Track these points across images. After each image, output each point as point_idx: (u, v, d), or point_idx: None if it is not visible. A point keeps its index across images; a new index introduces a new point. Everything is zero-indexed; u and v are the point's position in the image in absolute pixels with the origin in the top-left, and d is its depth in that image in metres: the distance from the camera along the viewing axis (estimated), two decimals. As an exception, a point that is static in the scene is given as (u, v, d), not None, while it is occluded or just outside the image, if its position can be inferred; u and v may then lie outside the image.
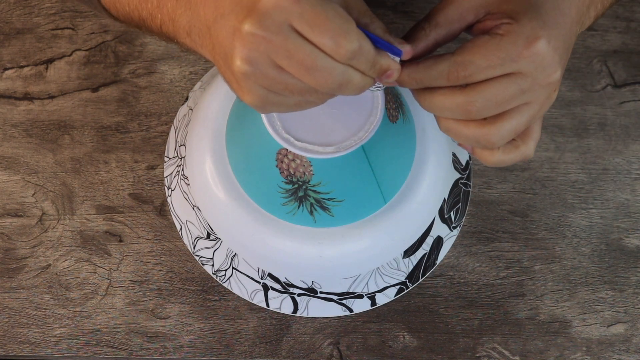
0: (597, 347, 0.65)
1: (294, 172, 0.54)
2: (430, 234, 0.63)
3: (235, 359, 0.64)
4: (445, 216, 0.64)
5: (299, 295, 0.62)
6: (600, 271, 0.67)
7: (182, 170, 0.64)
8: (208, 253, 0.63)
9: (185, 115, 0.66)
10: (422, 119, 0.61)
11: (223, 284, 0.63)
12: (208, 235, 0.62)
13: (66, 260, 0.66)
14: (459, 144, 0.51)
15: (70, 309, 0.65)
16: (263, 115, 0.52)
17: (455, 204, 0.64)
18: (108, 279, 0.66)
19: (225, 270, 0.63)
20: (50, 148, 0.70)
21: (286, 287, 0.62)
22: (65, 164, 0.69)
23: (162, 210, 0.68)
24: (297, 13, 0.41)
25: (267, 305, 0.62)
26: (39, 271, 0.66)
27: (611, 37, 0.74)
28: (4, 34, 0.74)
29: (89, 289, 0.66)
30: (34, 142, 0.70)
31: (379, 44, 0.44)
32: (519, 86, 0.46)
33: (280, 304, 0.62)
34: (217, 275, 0.63)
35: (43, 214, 0.68)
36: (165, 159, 0.66)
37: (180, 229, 0.64)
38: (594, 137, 0.71)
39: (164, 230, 0.67)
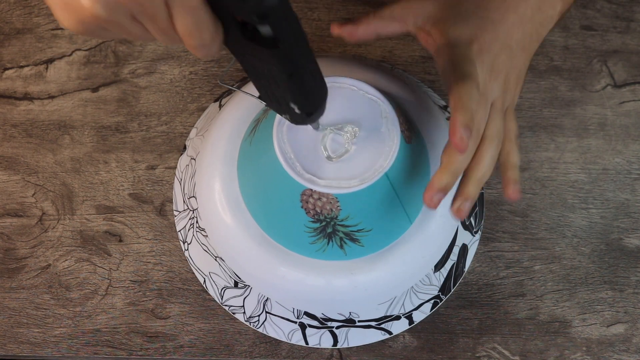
0: (597, 347, 0.65)
1: (321, 211, 0.53)
2: (455, 244, 0.63)
3: (235, 359, 0.64)
4: (467, 223, 0.64)
5: (338, 327, 0.62)
6: (600, 271, 0.67)
7: (197, 222, 0.63)
8: (238, 301, 0.62)
9: (187, 165, 0.65)
10: (430, 133, 0.60)
11: (257, 330, 0.62)
12: (236, 284, 0.62)
13: (66, 260, 0.66)
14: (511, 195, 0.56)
15: (70, 309, 0.65)
16: (281, 158, 0.51)
17: (473, 209, 0.64)
18: (108, 279, 0.66)
19: (259, 315, 0.62)
20: (50, 148, 0.70)
21: (324, 322, 0.61)
22: (65, 164, 0.69)
23: (162, 210, 0.68)
24: None
25: (306, 342, 0.62)
26: (39, 271, 0.66)
27: (611, 37, 0.74)
28: (4, 34, 0.74)
29: (89, 289, 0.66)
30: (34, 142, 0.70)
31: None
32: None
33: (320, 339, 0.62)
34: (250, 322, 0.62)
35: (43, 214, 0.68)
36: (175, 212, 0.66)
37: (204, 281, 0.63)
38: (594, 137, 0.71)
39: (164, 230, 0.67)
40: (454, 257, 0.63)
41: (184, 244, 0.65)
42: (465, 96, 0.50)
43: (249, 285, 0.61)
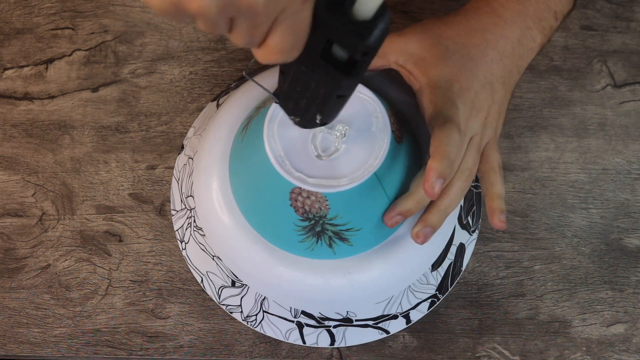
0: (597, 347, 0.65)
1: (310, 209, 0.53)
2: (453, 243, 0.63)
3: (235, 359, 0.64)
4: (464, 222, 0.64)
5: (335, 327, 0.61)
6: (600, 271, 0.67)
7: (194, 222, 0.63)
8: (235, 301, 0.62)
9: (185, 164, 0.65)
10: (425, 134, 0.60)
11: (255, 329, 0.62)
12: (233, 283, 0.62)
13: (66, 260, 0.66)
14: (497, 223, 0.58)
15: (70, 309, 0.65)
16: (271, 156, 0.51)
17: (470, 208, 0.64)
18: (108, 279, 0.66)
19: (256, 314, 0.62)
20: (50, 148, 0.70)
21: (321, 322, 0.61)
22: (65, 164, 0.69)
23: (162, 210, 0.68)
24: None
25: (304, 342, 0.62)
26: (39, 271, 0.66)
27: (611, 37, 0.74)
28: (4, 34, 0.74)
29: (89, 289, 0.66)
30: (34, 142, 0.70)
31: None
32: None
33: (317, 338, 0.62)
34: (247, 321, 0.62)
35: (43, 214, 0.68)
36: (173, 212, 0.66)
37: (202, 280, 0.63)
38: (594, 137, 0.71)
39: (164, 230, 0.67)
40: (451, 256, 0.63)
41: (181, 243, 0.65)
42: (445, 143, 0.51)
43: (246, 285, 0.61)
